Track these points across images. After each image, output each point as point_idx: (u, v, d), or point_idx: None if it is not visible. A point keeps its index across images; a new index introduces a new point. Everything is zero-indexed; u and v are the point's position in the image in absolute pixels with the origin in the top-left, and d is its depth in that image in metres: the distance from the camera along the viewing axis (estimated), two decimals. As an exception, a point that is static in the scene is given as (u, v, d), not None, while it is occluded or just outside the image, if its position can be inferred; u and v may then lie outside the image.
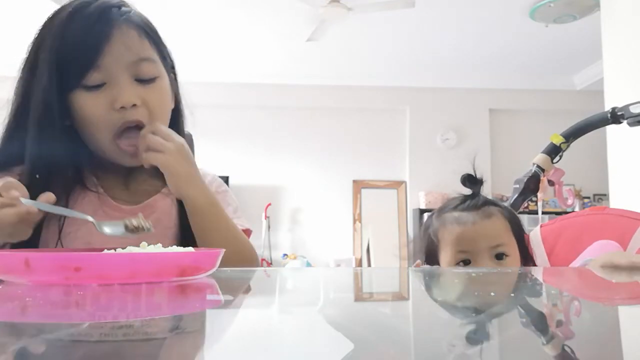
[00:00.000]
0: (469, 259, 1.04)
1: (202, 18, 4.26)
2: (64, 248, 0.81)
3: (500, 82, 5.71)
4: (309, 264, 5.43)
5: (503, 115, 5.92)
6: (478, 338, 0.34)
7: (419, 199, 5.62)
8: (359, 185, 5.86)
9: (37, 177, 0.81)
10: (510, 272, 0.83)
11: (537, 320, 0.42)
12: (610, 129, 2.90)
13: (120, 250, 0.60)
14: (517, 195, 1.35)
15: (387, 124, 5.90)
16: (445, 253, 1.05)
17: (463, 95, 5.79)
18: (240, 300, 0.53)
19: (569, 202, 1.42)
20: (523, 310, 0.47)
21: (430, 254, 1.08)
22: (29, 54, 0.86)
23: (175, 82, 0.95)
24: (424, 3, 3.94)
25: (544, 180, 1.31)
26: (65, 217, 0.82)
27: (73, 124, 0.85)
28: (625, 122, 1.28)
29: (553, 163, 1.34)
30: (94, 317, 0.42)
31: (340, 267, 5.14)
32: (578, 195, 5.54)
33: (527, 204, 1.42)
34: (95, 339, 0.33)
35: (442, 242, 1.07)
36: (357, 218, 5.78)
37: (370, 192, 5.86)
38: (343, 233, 5.75)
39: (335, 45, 4.80)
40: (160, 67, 0.89)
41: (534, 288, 0.67)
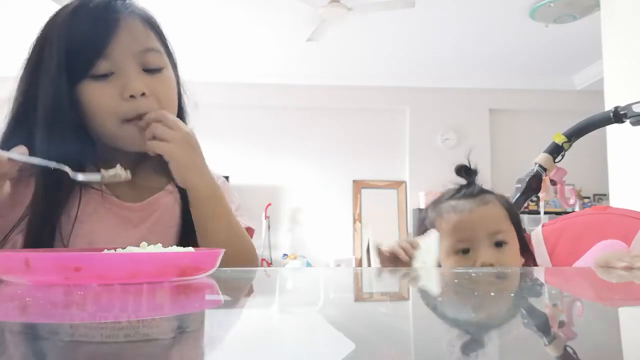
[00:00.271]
0: (468, 248, 1.01)
1: (202, 18, 4.26)
2: (64, 248, 0.81)
3: (500, 82, 5.71)
4: (309, 264, 5.43)
5: (503, 115, 5.92)
6: (478, 338, 0.34)
7: (419, 199, 5.62)
8: (359, 185, 5.86)
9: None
10: (511, 272, 0.83)
11: (537, 321, 0.42)
12: (611, 129, 2.90)
13: (121, 250, 0.60)
14: (519, 195, 1.35)
15: (387, 124, 5.91)
16: (444, 243, 1.02)
17: (463, 95, 5.80)
18: (240, 301, 0.53)
19: (571, 201, 1.42)
20: (523, 311, 0.46)
21: None
22: (32, 53, 0.85)
23: (178, 79, 0.94)
24: (424, 3, 3.94)
25: (547, 180, 1.31)
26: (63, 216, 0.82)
27: (78, 117, 0.83)
28: (628, 121, 1.28)
29: (555, 162, 1.34)
30: (94, 317, 0.42)
31: (340, 267, 5.14)
32: (578, 195, 5.54)
33: (527, 204, 1.42)
34: (95, 340, 0.33)
35: (439, 232, 1.04)
36: (357, 218, 5.78)
37: (370, 192, 5.86)
38: (343, 233, 5.75)
39: (335, 45, 4.80)
40: (165, 58, 0.88)
41: (534, 288, 0.67)
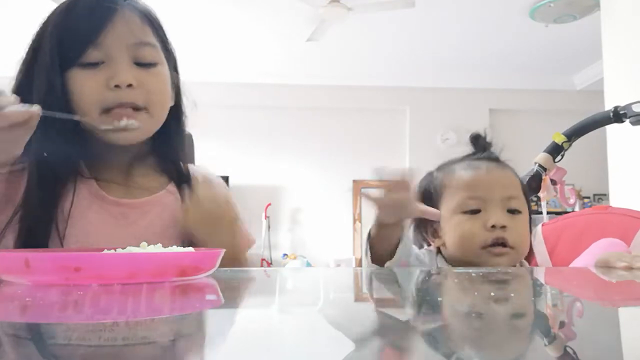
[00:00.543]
0: (479, 209, 0.94)
1: (202, 17, 4.26)
2: (64, 248, 0.81)
3: (500, 82, 5.70)
4: (309, 264, 5.43)
5: (503, 115, 5.91)
6: (478, 338, 0.34)
7: (419, 199, 5.61)
8: (359, 185, 5.86)
9: (44, 155, 0.78)
10: (511, 272, 0.83)
11: (537, 321, 0.42)
12: (611, 129, 2.90)
13: (120, 250, 0.60)
14: (519, 195, 1.35)
15: (387, 124, 5.90)
16: (451, 200, 0.95)
17: (463, 95, 5.79)
18: (241, 301, 0.54)
19: (571, 201, 1.42)
20: (523, 311, 0.46)
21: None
22: (30, 46, 0.84)
23: (177, 79, 0.93)
24: (424, 3, 3.94)
25: (547, 180, 1.30)
26: (64, 217, 0.81)
27: (68, 107, 0.81)
28: (628, 121, 1.28)
29: (555, 162, 1.34)
30: (94, 317, 0.42)
31: (340, 267, 5.14)
32: (578, 195, 5.54)
33: (527, 204, 1.42)
34: (95, 340, 0.33)
35: (447, 189, 0.97)
36: (357, 218, 5.78)
37: (371, 192, 5.85)
38: (343, 233, 5.75)
39: (335, 45, 4.80)
40: (161, 54, 0.87)
41: (534, 288, 0.67)
